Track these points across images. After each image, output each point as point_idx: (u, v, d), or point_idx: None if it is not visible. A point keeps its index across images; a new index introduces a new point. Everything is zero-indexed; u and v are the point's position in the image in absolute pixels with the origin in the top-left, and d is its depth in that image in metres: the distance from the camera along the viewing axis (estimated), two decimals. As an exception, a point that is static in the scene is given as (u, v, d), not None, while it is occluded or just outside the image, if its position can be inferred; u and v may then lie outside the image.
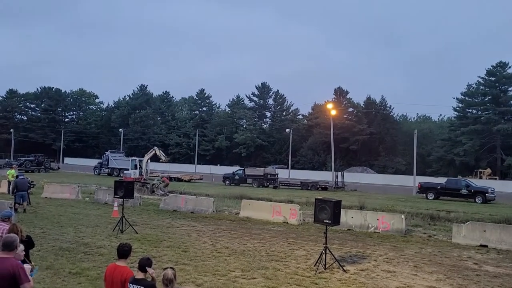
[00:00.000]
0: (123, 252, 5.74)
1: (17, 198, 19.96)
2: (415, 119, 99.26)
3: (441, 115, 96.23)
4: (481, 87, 74.86)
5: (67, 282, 9.32)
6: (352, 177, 58.51)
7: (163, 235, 15.36)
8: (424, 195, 37.98)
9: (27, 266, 5.37)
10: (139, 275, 5.28)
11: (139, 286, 5.10)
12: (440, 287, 10.02)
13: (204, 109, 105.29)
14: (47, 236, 14.48)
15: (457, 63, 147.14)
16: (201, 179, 53.92)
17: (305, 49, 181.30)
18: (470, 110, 76.54)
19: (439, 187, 38.14)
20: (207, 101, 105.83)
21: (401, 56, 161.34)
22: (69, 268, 10.40)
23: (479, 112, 73.48)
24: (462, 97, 76.20)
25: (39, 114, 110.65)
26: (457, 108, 77.17)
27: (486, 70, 73.38)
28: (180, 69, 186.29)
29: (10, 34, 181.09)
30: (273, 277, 10.29)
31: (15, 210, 18.08)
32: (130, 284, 5.22)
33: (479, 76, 74.59)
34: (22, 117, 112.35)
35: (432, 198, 36.92)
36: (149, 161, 38.21)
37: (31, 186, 23.39)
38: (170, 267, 4.88)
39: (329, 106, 59.68)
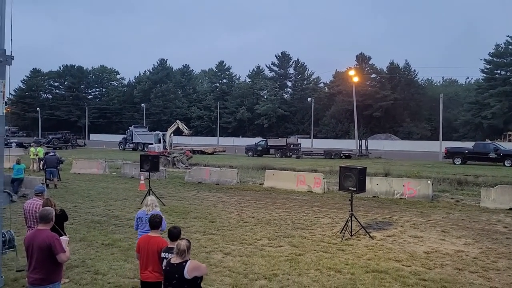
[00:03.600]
0: (155, 223, 5.89)
1: (47, 174, 20.59)
2: (441, 83, 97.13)
3: (468, 77, 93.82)
4: (510, 47, 72.06)
5: (101, 253, 9.63)
6: (376, 144, 57.91)
7: (189, 206, 15.64)
8: (451, 160, 37.35)
9: (64, 238, 5.55)
10: (171, 244, 5.43)
11: (171, 254, 5.25)
12: (469, 251, 9.96)
13: (224, 81, 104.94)
14: (78, 210, 14.93)
15: (484, 23, 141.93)
16: (224, 151, 54.30)
17: (326, 18, 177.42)
18: (499, 71, 73.91)
19: (466, 151, 37.40)
20: (227, 73, 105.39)
21: (424, 19, 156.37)
22: (102, 240, 10.74)
23: (508, 73, 71.05)
24: (490, 58, 73.57)
25: (63, 92, 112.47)
26: (485, 70, 74.65)
27: (515, 29, 70.51)
28: (199, 42, 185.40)
29: (30, 16, 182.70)
30: (299, 245, 10.40)
31: (47, 186, 18.64)
32: (163, 253, 5.38)
33: (508, 36, 71.77)
34: (47, 95, 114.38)
35: (459, 163, 36.31)
36: (172, 135, 38.61)
37: (61, 162, 23.92)
38: (186, 239, 4.97)
39: (351, 73, 58.58)
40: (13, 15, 5.04)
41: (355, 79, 55.78)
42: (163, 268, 4.96)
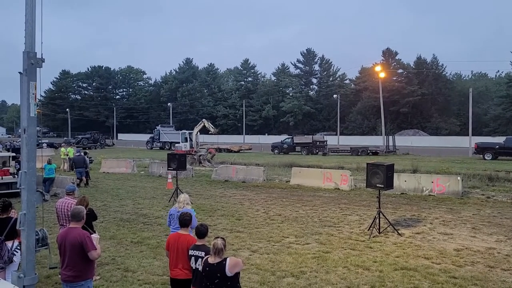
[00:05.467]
0: (184, 221, 5.94)
1: (77, 174, 21.09)
2: (470, 77, 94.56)
3: (498, 71, 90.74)
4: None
5: (130, 251, 9.81)
6: (404, 140, 57.03)
7: (216, 204, 15.75)
8: (481, 155, 36.43)
9: (94, 236, 5.69)
10: (199, 242, 5.48)
11: (200, 252, 5.30)
12: (501, 248, 9.70)
13: (249, 79, 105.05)
14: (108, 208, 15.24)
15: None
16: (250, 149, 54.44)
17: (351, 13, 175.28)
18: (530, 64, 71.47)
19: (497, 146, 36.41)
20: (252, 71, 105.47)
21: (452, 12, 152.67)
22: (131, 238, 10.94)
23: (540, 65, 68.63)
24: (521, 50, 71.25)
25: (91, 92, 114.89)
26: (516, 63, 72.28)
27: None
28: (224, 40, 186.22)
29: (58, 19, 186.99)
30: (327, 242, 10.34)
31: (77, 185, 19.10)
32: (191, 250, 5.43)
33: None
34: (76, 96, 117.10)
35: (490, 158, 35.38)
36: (198, 133, 38.90)
37: (90, 162, 24.42)
38: (221, 237, 5.00)
39: (378, 68, 57.84)
40: (42, 19, 5.18)
41: (382, 75, 55.03)
42: (202, 269, 4.98)
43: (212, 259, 4.78)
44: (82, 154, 22.58)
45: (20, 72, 5.06)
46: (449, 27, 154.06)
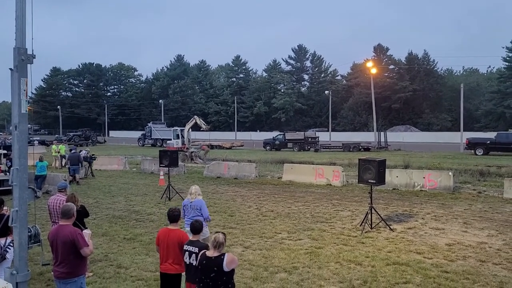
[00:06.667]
0: (173, 216, 5.97)
1: (71, 171, 20.96)
2: (461, 72, 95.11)
3: (489, 66, 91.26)
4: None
5: (123, 247, 9.79)
6: (395, 136, 57.33)
7: (209, 201, 15.71)
8: (473, 151, 36.70)
9: (86, 232, 5.67)
10: (194, 238, 5.51)
11: (194, 247, 5.31)
12: (493, 243, 9.81)
13: (241, 75, 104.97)
14: (100, 205, 15.18)
15: (505, 11, 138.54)
16: (242, 145, 54.40)
17: (342, 9, 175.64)
18: (522, 59, 72.09)
19: (488, 142, 36.70)
20: (244, 67, 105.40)
21: (443, 8, 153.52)
22: (123, 234, 10.91)
23: (531, 61, 69.27)
24: (512, 45, 71.84)
25: (82, 90, 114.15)
26: (507, 58, 72.82)
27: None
28: (215, 37, 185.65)
29: (48, 16, 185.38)
30: (319, 238, 10.39)
31: (70, 182, 19.01)
32: (186, 246, 5.45)
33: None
34: (67, 93, 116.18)
35: (481, 153, 35.66)
36: (190, 130, 38.81)
37: (93, 159, 24.31)
38: (222, 232, 5.04)
39: (369, 64, 57.96)
40: (32, 15, 5.13)
41: (373, 71, 55.18)
42: (198, 262, 5.00)
43: (210, 253, 4.79)
44: (77, 152, 22.43)
45: (10, 69, 5.01)
46: (441, 23, 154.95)
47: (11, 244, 6.34)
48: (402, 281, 7.49)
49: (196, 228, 5.58)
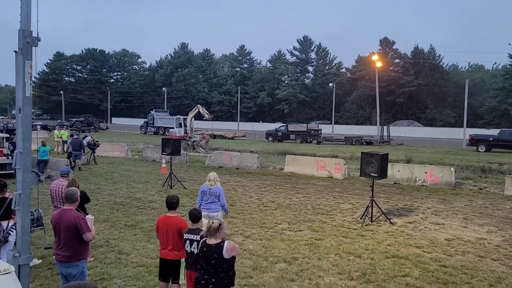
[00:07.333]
0: (172, 203, 6.03)
1: (72, 157, 21.01)
2: (466, 68, 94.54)
3: (495, 63, 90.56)
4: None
5: (124, 234, 9.85)
6: (398, 131, 57.14)
7: (210, 190, 15.74)
8: (475, 147, 36.62)
9: (89, 217, 5.71)
10: (193, 226, 5.55)
11: (195, 235, 5.36)
12: (492, 239, 9.83)
13: (245, 65, 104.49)
14: (102, 191, 15.24)
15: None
16: (244, 136, 54.40)
17: (349, 1, 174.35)
18: (527, 57, 71.49)
19: (491, 138, 36.59)
20: (248, 57, 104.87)
21: (451, 2, 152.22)
22: (125, 221, 10.97)
23: (537, 59, 68.68)
24: (518, 42, 71.17)
25: (85, 75, 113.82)
26: (513, 55, 72.31)
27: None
28: (220, 26, 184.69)
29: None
30: (319, 230, 10.43)
31: (72, 167, 19.07)
32: (186, 234, 5.51)
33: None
34: (70, 79, 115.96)
35: (484, 150, 35.59)
36: (193, 119, 38.78)
37: (97, 145, 24.34)
38: (218, 220, 5.10)
39: (374, 57, 57.70)
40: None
41: (378, 64, 54.94)
42: (199, 249, 5.05)
43: (210, 241, 4.83)
44: (79, 137, 22.46)
45: (15, 51, 5.00)
46: (448, 18, 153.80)
47: (14, 227, 6.40)
48: (400, 274, 7.53)
49: (195, 216, 5.65)
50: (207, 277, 4.73)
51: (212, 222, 4.95)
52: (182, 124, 46.55)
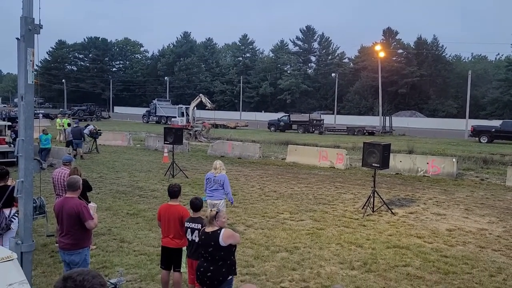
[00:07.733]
0: (173, 192, 6.05)
1: (73, 145, 21.04)
2: (469, 59, 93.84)
3: (498, 54, 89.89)
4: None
5: (126, 222, 9.89)
6: (400, 121, 56.97)
7: (212, 179, 15.77)
8: (477, 138, 36.58)
9: (92, 205, 5.72)
10: (195, 215, 5.57)
11: (196, 224, 5.38)
12: (493, 230, 9.85)
13: (248, 55, 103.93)
14: (104, 180, 15.28)
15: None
16: (247, 126, 54.32)
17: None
18: (531, 48, 71.07)
19: (493, 130, 36.53)
20: (250, 47, 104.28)
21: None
22: (127, 210, 11.01)
23: (541, 50, 68.21)
24: (523, 34, 70.69)
25: (87, 64, 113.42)
26: (517, 46, 71.82)
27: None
28: (222, 15, 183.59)
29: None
30: (321, 219, 10.45)
31: (74, 156, 19.10)
32: (187, 223, 5.53)
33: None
34: (72, 67, 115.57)
35: (486, 141, 35.53)
36: (195, 108, 38.69)
37: (99, 134, 24.42)
38: (216, 209, 5.12)
39: (377, 48, 57.52)
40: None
41: (381, 55, 54.76)
42: (199, 238, 5.09)
43: (208, 228, 4.87)
44: (80, 126, 22.48)
45: (17, 38, 4.96)
46: (451, 8, 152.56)
47: (16, 215, 6.42)
48: (401, 264, 7.56)
49: (196, 205, 5.67)
50: (206, 265, 4.77)
51: (210, 210, 4.98)
52: (184, 114, 46.46)
